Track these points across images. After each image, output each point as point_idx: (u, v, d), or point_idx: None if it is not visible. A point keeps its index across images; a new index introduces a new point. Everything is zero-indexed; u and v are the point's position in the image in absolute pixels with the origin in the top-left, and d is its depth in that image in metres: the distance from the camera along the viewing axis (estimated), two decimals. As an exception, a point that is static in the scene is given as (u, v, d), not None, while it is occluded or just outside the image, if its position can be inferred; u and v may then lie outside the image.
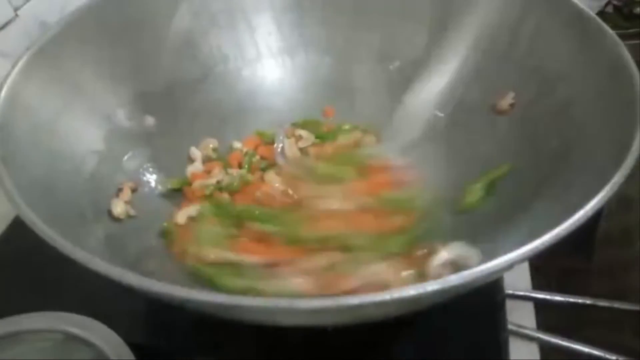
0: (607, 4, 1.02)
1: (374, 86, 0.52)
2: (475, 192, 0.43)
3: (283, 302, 0.23)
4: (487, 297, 0.42)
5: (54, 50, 0.42)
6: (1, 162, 0.33)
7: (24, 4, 0.53)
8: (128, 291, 0.27)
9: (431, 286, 0.23)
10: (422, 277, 0.35)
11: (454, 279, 0.24)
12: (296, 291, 0.35)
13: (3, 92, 0.37)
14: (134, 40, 0.48)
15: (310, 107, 0.54)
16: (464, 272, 0.24)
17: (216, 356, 0.40)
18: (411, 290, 0.23)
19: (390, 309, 0.28)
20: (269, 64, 0.55)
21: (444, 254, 0.36)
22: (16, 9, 0.52)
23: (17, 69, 0.39)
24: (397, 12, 0.51)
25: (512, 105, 0.45)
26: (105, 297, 0.39)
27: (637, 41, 0.75)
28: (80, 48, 0.44)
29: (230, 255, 0.38)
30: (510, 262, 0.25)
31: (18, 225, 0.46)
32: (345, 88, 0.54)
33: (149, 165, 0.47)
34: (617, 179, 0.30)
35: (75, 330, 0.34)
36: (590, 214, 0.28)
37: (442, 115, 0.50)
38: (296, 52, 0.55)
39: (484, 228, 0.39)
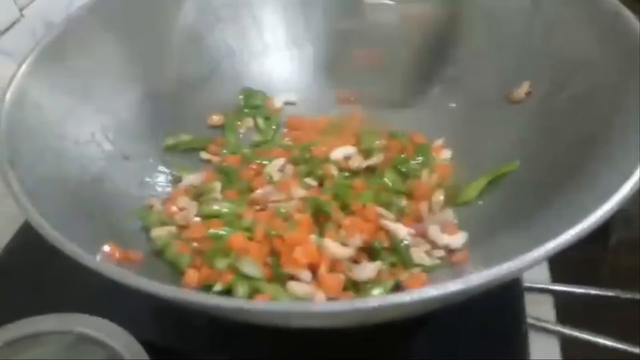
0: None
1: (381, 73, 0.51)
2: (474, 188, 0.42)
3: (299, 306, 0.23)
4: (505, 290, 0.41)
5: (59, 49, 0.42)
6: (9, 165, 0.33)
7: (29, 3, 0.53)
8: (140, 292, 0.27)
9: (454, 286, 0.23)
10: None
11: (476, 278, 0.23)
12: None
13: (9, 93, 0.37)
14: (140, 38, 0.47)
15: (320, 100, 0.53)
16: (487, 271, 0.23)
17: (230, 355, 0.39)
18: (432, 291, 0.22)
19: (409, 310, 0.27)
20: (276, 57, 0.54)
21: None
22: (21, 9, 0.52)
23: (22, 70, 0.39)
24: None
25: (528, 94, 0.43)
26: (117, 297, 0.39)
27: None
28: (86, 47, 0.44)
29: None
30: (534, 260, 0.25)
31: (28, 228, 0.46)
32: (354, 77, 0.53)
33: (157, 164, 0.46)
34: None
35: (89, 331, 0.34)
36: (616, 208, 0.27)
37: (454, 105, 0.49)
38: (302, 44, 0.54)
39: (498, 223, 0.39)
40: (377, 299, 0.23)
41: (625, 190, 0.28)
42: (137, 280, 0.25)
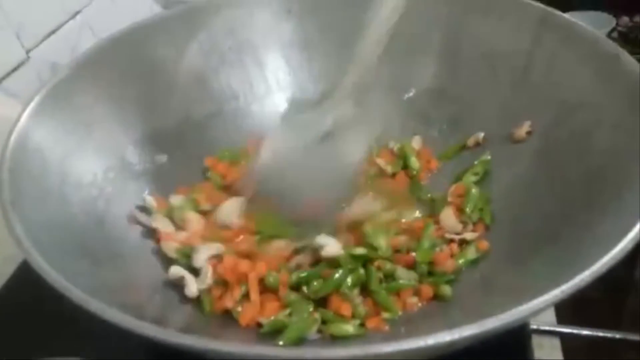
0: (612, 30, 1.03)
1: (386, 116, 0.52)
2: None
3: (309, 352, 0.22)
4: (513, 332, 0.40)
5: (64, 92, 0.42)
6: (10, 207, 0.32)
7: (36, 46, 0.54)
8: (141, 337, 0.26)
9: (467, 331, 0.22)
10: None
11: (491, 322, 0.23)
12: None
13: (13, 136, 0.37)
14: (144, 80, 0.48)
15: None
16: (502, 315, 0.23)
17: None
18: (446, 336, 0.22)
19: (419, 354, 0.26)
20: (278, 99, 0.55)
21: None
22: (28, 51, 0.53)
23: (27, 112, 0.39)
24: (406, 44, 0.51)
25: (529, 133, 0.44)
26: (115, 339, 0.38)
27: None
28: (91, 89, 0.44)
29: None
30: (549, 301, 0.24)
31: (26, 267, 0.45)
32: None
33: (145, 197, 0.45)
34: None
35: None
36: (626, 251, 0.26)
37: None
38: (305, 87, 0.55)
39: (502, 270, 0.38)
40: (390, 344, 0.22)
41: (634, 233, 0.28)
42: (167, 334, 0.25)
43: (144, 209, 0.44)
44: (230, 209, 0.44)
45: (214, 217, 0.44)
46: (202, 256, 0.39)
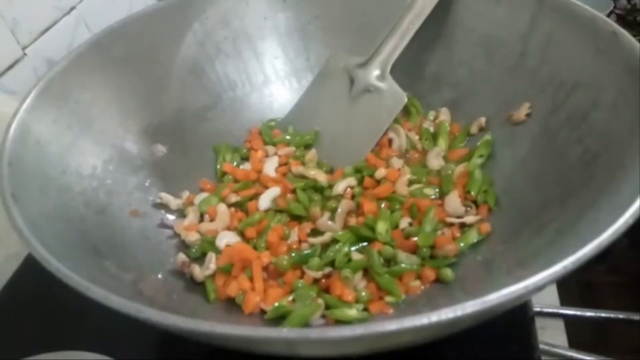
0: (610, 13, 1.03)
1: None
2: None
3: (312, 332, 0.22)
4: (516, 314, 0.40)
5: (61, 85, 0.42)
6: (11, 200, 0.32)
7: (32, 42, 0.54)
8: (143, 326, 0.26)
9: (470, 307, 0.22)
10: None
11: (493, 298, 0.23)
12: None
13: (12, 128, 0.37)
14: (141, 72, 0.48)
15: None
16: (504, 290, 0.23)
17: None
18: (450, 313, 0.22)
19: (425, 334, 0.26)
20: (276, 88, 0.55)
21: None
22: (24, 48, 0.53)
23: (25, 106, 0.39)
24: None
25: (528, 115, 0.44)
26: (119, 334, 0.38)
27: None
28: (88, 82, 0.44)
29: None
30: (550, 277, 0.24)
31: (31, 263, 0.45)
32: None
33: (159, 194, 0.46)
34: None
35: (88, 370, 0.33)
36: (624, 228, 0.26)
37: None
38: (302, 75, 0.55)
39: (503, 251, 0.38)
40: (393, 322, 0.22)
41: (633, 209, 0.27)
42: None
43: (160, 206, 0.45)
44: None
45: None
46: (223, 240, 0.42)
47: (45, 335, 0.42)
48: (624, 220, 0.26)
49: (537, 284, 0.23)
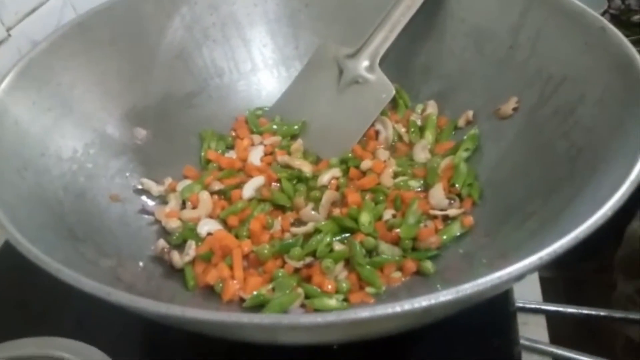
0: (604, 13, 1.02)
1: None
2: None
3: (286, 319, 0.22)
4: (498, 309, 0.40)
5: (42, 66, 0.41)
6: (-14, 180, 0.32)
7: (17, 24, 0.52)
8: (121, 313, 0.26)
9: (444, 296, 0.22)
10: None
11: (467, 287, 0.22)
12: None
13: (-11, 109, 0.36)
14: (125, 55, 0.47)
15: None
16: (478, 280, 0.23)
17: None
18: (423, 302, 0.22)
19: (399, 322, 0.26)
20: (264, 76, 0.54)
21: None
22: (8, 29, 0.52)
23: (3, 86, 0.38)
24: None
25: (515, 109, 0.43)
26: (97, 320, 0.38)
27: (636, 49, 0.74)
28: (70, 64, 0.43)
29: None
30: (525, 268, 0.24)
31: (7, 249, 0.44)
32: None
33: (140, 180, 0.45)
34: (629, 184, 0.28)
35: (67, 356, 0.33)
36: (602, 220, 0.26)
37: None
38: (291, 64, 0.54)
39: (485, 244, 0.38)
40: (367, 309, 0.22)
41: (612, 202, 0.27)
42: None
43: (141, 191, 0.45)
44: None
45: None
46: (205, 228, 0.42)
47: (25, 321, 0.41)
48: (602, 212, 0.26)
49: (511, 274, 0.23)
